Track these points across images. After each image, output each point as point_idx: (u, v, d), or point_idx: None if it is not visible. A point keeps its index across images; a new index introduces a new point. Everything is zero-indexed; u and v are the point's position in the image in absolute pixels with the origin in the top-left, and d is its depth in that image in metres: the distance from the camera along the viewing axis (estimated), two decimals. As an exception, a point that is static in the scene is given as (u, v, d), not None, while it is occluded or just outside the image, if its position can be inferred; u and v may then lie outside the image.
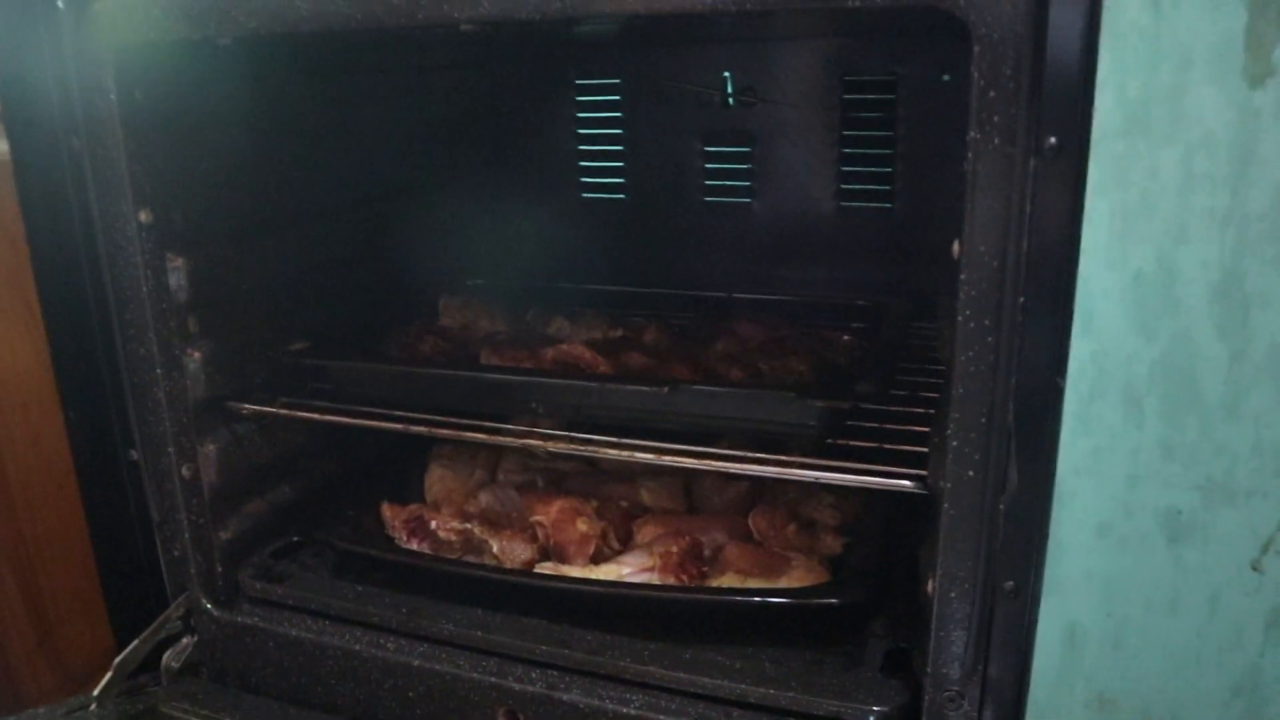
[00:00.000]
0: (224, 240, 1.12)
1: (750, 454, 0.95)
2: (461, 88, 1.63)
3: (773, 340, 1.21)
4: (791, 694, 0.92)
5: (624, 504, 1.21)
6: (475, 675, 1.02)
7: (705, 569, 1.10)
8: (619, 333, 1.27)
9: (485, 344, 1.23)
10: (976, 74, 0.70)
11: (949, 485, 0.79)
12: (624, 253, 1.63)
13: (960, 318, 0.74)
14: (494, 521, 1.17)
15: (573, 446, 1.02)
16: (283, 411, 1.11)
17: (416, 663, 1.04)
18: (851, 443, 0.97)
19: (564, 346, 1.12)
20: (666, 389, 0.99)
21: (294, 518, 1.23)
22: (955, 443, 0.78)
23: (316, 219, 1.27)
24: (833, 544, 1.14)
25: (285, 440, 1.22)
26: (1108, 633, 0.79)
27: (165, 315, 1.04)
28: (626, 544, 1.16)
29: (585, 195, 1.65)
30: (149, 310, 1.03)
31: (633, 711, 0.96)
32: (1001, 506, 0.77)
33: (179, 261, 1.06)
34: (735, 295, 1.44)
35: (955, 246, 0.75)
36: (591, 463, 1.32)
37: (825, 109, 1.47)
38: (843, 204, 1.49)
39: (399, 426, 1.07)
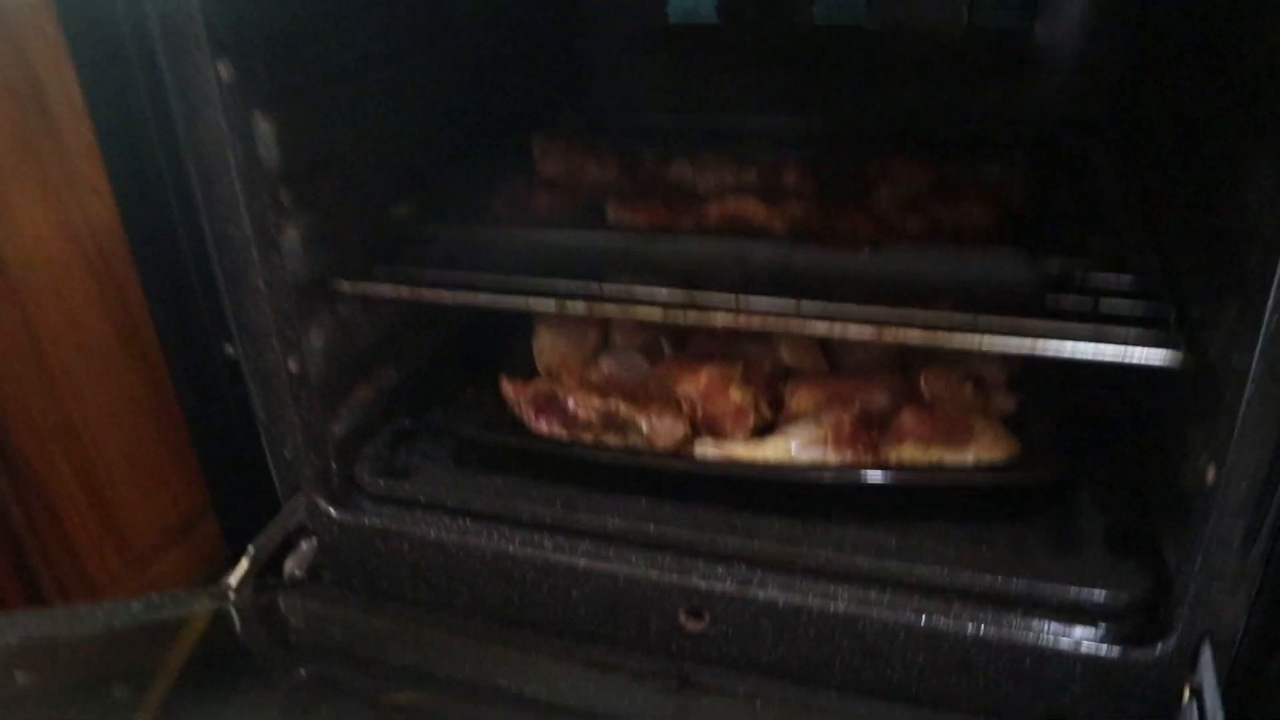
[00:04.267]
0: (310, 93, 0.95)
1: (979, 316, 0.82)
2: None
3: (940, 182, 1.08)
4: (1022, 580, 0.84)
5: (765, 365, 1.11)
6: (652, 573, 0.93)
7: (877, 438, 1.01)
8: (751, 174, 1.12)
9: (611, 198, 1.07)
10: None
11: (1256, 364, 0.69)
12: (719, 80, 1.44)
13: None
14: (632, 394, 1.05)
15: (765, 320, 0.88)
16: (404, 288, 0.97)
17: (582, 562, 0.95)
18: (1097, 309, 0.85)
19: (730, 201, 0.98)
20: (868, 250, 0.86)
21: (399, 401, 1.11)
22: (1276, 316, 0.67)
23: (398, 61, 1.09)
24: (1005, 402, 1.05)
25: (388, 318, 1.08)
26: None
27: (256, 188, 0.88)
28: (777, 411, 1.07)
29: (672, 22, 1.45)
30: (238, 183, 0.87)
31: (841, 607, 0.88)
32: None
33: (266, 123, 0.89)
34: (866, 124, 1.28)
35: None
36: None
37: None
38: (972, 23, 1.32)
39: (550, 301, 0.93)
